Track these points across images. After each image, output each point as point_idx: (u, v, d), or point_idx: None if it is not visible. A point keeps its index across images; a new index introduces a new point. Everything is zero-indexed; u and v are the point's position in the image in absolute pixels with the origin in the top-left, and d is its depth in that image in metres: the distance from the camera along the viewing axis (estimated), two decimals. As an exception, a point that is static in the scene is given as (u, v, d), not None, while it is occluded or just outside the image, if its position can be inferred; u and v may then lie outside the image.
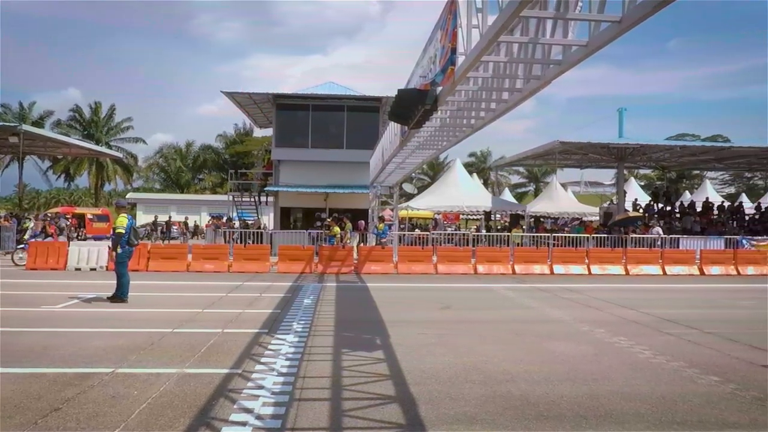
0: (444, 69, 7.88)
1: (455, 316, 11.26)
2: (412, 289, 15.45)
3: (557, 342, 8.54)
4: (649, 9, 5.00)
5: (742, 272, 20.14)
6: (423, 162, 20.27)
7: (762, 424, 5.15)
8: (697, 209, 31.62)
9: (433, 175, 60.31)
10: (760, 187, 58.11)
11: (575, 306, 12.46)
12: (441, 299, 13.31)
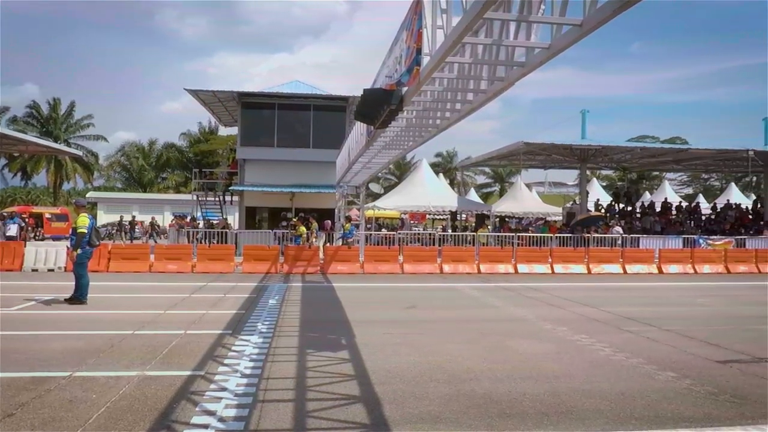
0: (410, 69, 7.91)
1: (421, 315, 11.31)
2: (378, 289, 15.46)
3: (520, 340, 8.65)
4: (608, 13, 5.10)
5: (699, 271, 20.73)
6: (389, 162, 20.30)
7: (715, 418, 5.31)
8: (656, 209, 32.40)
9: (399, 175, 60.49)
10: (717, 188, 59.92)
11: (538, 305, 12.65)
12: (407, 299, 13.36)
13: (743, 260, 21.71)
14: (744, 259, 21.79)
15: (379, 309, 12.09)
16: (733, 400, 5.84)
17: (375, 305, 12.75)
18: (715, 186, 61.95)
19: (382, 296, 14.30)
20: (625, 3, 4.83)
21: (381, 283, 16.58)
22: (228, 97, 27.64)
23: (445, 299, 13.95)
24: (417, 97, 10.41)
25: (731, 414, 5.43)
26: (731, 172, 45.03)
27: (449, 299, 13.92)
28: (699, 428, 5.02)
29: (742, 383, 6.45)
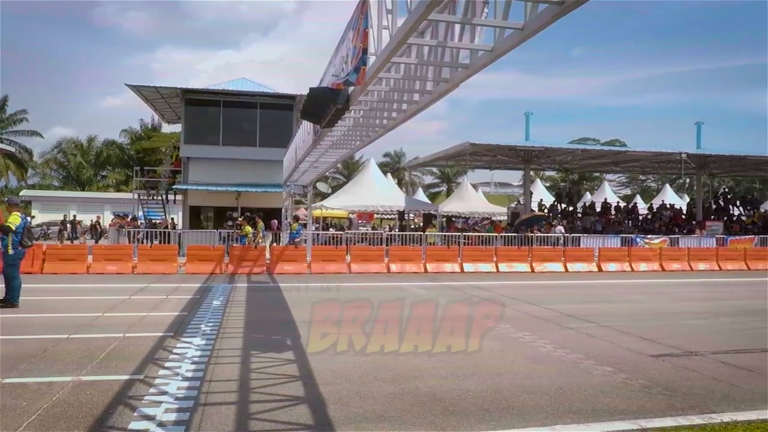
0: (357, 69, 7.89)
1: (366, 315, 11.30)
2: (326, 289, 15.38)
3: (465, 338, 8.77)
4: (548, 18, 5.24)
5: (636, 269, 21.54)
6: (337, 161, 20.27)
7: (648, 410, 5.52)
8: (596, 209, 33.52)
9: (348, 175, 60.41)
10: (653, 189, 62.45)
11: (483, 303, 12.87)
12: (353, 298, 13.33)
13: (677, 258, 22.69)
14: (677, 258, 22.77)
15: (324, 309, 12.01)
16: (665, 392, 6.09)
17: (321, 305, 12.66)
18: (652, 187, 64.55)
19: (329, 296, 14.23)
20: (563, 9, 4.97)
21: (328, 283, 16.49)
22: (171, 93, 26.96)
23: (392, 299, 13.99)
24: (364, 97, 10.42)
25: (663, 406, 5.66)
26: (666, 173, 47.08)
27: (397, 298, 13.97)
28: (633, 420, 5.21)
29: (673, 376, 6.74)
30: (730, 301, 14.06)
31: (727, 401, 5.83)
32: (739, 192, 51.25)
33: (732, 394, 6.09)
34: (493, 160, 33.57)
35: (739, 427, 5.02)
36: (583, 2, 4.78)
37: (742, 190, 54.57)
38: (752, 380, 6.63)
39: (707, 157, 30.94)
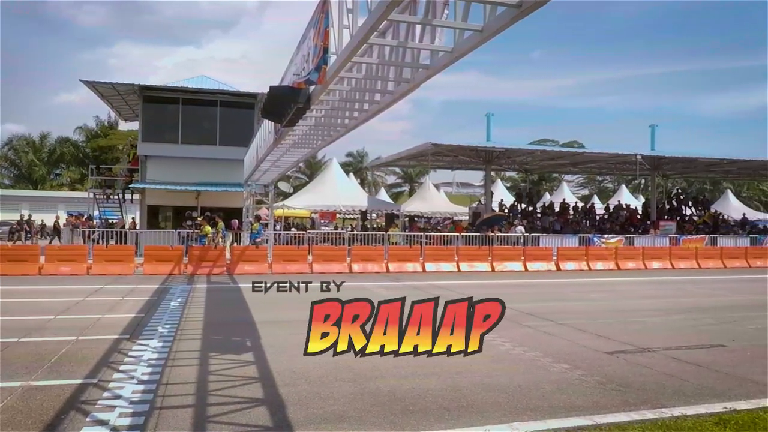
0: (318, 68, 7.85)
1: (329, 315, 11.27)
2: (287, 290, 15.25)
3: (426, 337, 8.82)
4: (506, 20, 5.30)
5: (593, 267, 22.02)
6: (298, 160, 20.13)
7: (603, 406, 5.65)
8: (555, 209, 34.12)
9: (310, 174, 60.02)
10: (610, 189, 63.90)
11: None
12: (315, 298, 13.26)
13: (632, 257, 23.30)
14: (632, 256, 23.38)
15: (287, 309, 11.90)
16: (619, 388, 6.24)
17: (283, 306, 12.57)
18: (609, 188, 66.08)
19: (289, 296, 14.05)
20: (521, 12, 5.03)
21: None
22: (129, 90, 26.32)
23: (353, 298, 13.97)
24: (325, 96, 10.38)
25: (616, 401, 5.80)
26: (622, 174, 48.24)
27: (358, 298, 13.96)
28: (588, 416, 5.32)
29: (626, 372, 6.91)
30: (682, 298, 14.50)
31: (678, 396, 6.01)
32: (691, 193, 52.95)
33: (682, 389, 6.28)
34: (454, 161, 33.84)
35: (688, 421, 5.18)
36: (540, 5, 4.85)
37: (694, 191, 56.37)
38: (701, 375, 6.85)
39: (661, 159, 31.83)
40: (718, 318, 11.09)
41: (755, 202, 61.12)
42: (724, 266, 23.71)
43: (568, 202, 36.79)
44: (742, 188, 62.33)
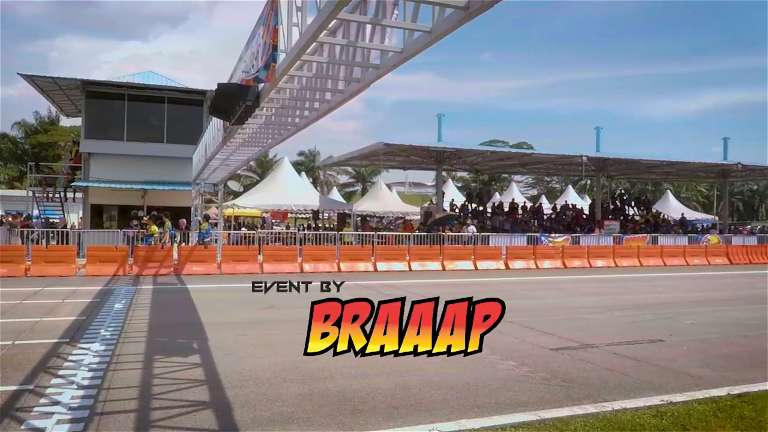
0: (266, 65, 7.77)
1: (279, 315, 11.16)
2: (236, 290, 15.04)
3: (376, 337, 8.84)
4: (455, 22, 5.36)
5: (540, 266, 22.53)
6: (249, 159, 19.86)
7: (547, 401, 5.79)
8: (505, 209, 34.76)
9: (261, 173, 59.25)
10: (557, 190, 65.51)
11: (395, 301, 12.99)
12: (265, 299, 13.10)
13: (577, 256, 23.95)
14: (578, 255, 24.04)
15: (236, 310, 11.77)
16: (563, 384, 6.41)
17: (232, 306, 12.40)
18: (556, 188, 67.74)
19: (239, 297, 13.92)
20: (468, 14, 5.10)
21: (239, 283, 16.12)
22: (71, 85, 25.37)
23: (304, 298, 13.82)
24: (275, 95, 10.28)
25: (561, 397, 5.95)
26: (569, 175, 49.60)
27: (308, 298, 13.86)
28: (533, 412, 5.44)
29: (570, 368, 7.10)
30: (624, 295, 14.99)
31: (619, 390, 6.21)
32: (634, 193, 54.86)
33: (623, 383, 6.49)
34: (406, 161, 34.04)
35: (627, 414, 5.35)
36: (487, 8, 4.93)
37: (637, 192, 58.41)
38: (641, 370, 7.10)
39: (605, 160, 32.83)
40: (657, 314, 11.51)
41: (693, 202, 63.80)
42: (664, 264, 24.66)
43: (517, 202, 37.53)
44: (681, 189, 64.94)
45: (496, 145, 55.56)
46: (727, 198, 42.35)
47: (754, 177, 46.93)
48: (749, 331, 9.85)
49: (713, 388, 6.26)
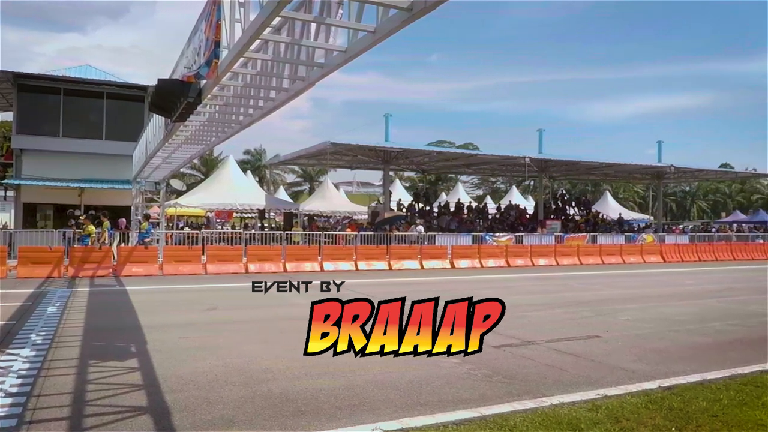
0: (208, 62, 7.61)
1: (221, 317, 10.96)
2: (178, 291, 14.70)
3: (321, 337, 8.79)
4: (398, 23, 5.40)
5: (485, 265, 22.94)
6: (192, 157, 19.42)
7: (489, 398, 5.89)
8: (451, 209, 35.21)
9: (206, 172, 58.00)
10: (502, 190, 66.82)
11: (341, 301, 12.97)
12: (208, 300, 12.88)
13: (520, 255, 24.50)
14: (521, 254, 24.59)
15: (177, 312, 11.49)
16: (504, 380, 6.53)
17: (173, 308, 12.09)
18: (501, 188, 69.09)
19: (181, 299, 13.61)
20: (412, 15, 5.15)
21: (181, 284, 15.78)
22: (0, 77, 24.20)
23: (248, 299, 13.66)
24: (219, 92, 10.11)
25: (502, 393, 6.07)
26: (513, 176, 50.60)
27: (253, 299, 13.68)
28: (474, 408, 5.52)
29: (512, 365, 7.25)
30: (564, 293, 15.42)
31: (557, 385, 6.38)
32: (575, 194, 56.55)
33: (562, 378, 6.67)
34: (354, 160, 34.00)
35: (565, 408, 5.51)
36: (430, 10, 4.98)
37: (577, 192, 60.26)
38: (579, 365, 7.32)
39: (547, 162, 33.68)
40: (595, 311, 11.90)
41: (630, 202, 66.32)
42: (602, 262, 25.52)
43: (463, 202, 38.06)
44: (619, 190, 67.36)
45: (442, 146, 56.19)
46: (662, 199, 44.18)
47: (685, 178, 49.23)
48: (679, 326, 10.31)
49: (645, 381, 6.52)
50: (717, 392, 6.04)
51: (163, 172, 21.54)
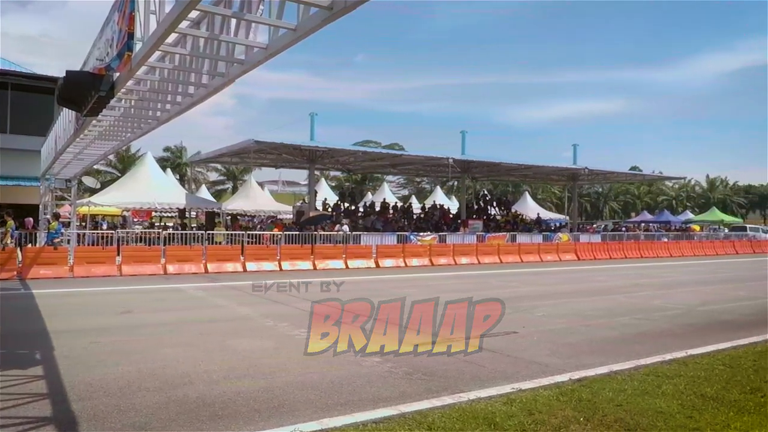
0: (120, 54, 7.28)
1: (136, 320, 10.53)
2: (90, 294, 14.00)
3: (241, 339, 8.64)
4: (319, 21, 5.38)
5: (409, 264, 23.21)
6: (106, 153, 18.54)
7: (408, 395, 5.97)
8: (376, 209, 35.41)
9: (123, 169, 55.58)
10: (427, 190, 67.92)
11: (263, 302, 12.79)
12: (122, 303, 12.34)
13: (444, 254, 24.96)
14: (444, 253, 25.05)
15: (88, 316, 10.94)
16: (424, 377, 6.63)
17: (83, 312, 11.50)
18: (426, 188, 70.24)
19: (93, 302, 12.97)
20: (332, 14, 5.13)
21: (94, 287, 15.03)
22: None
23: (166, 301, 13.24)
24: (135, 86, 9.74)
25: (421, 390, 6.16)
26: (437, 176, 51.53)
27: (171, 301, 13.27)
28: (394, 406, 5.57)
29: (431, 362, 7.37)
30: (485, 291, 15.81)
31: (475, 381, 6.54)
32: (496, 194, 58.23)
33: (479, 374, 6.85)
34: (279, 159, 33.58)
35: (481, 403, 5.66)
36: (350, 10, 4.98)
37: (499, 193, 62.07)
38: (496, 360, 7.55)
39: (470, 163, 34.50)
40: (513, 307, 12.27)
41: (548, 203, 69.06)
42: (521, 261, 26.40)
43: (388, 201, 38.39)
44: (538, 191, 69.99)
45: (369, 146, 56.40)
46: (576, 199, 46.28)
47: (598, 180, 51.76)
48: (590, 321, 10.82)
49: (557, 374, 6.80)
50: (622, 383, 6.38)
51: (74, 168, 20.44)
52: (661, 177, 55.88)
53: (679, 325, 10.42)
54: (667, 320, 10.96)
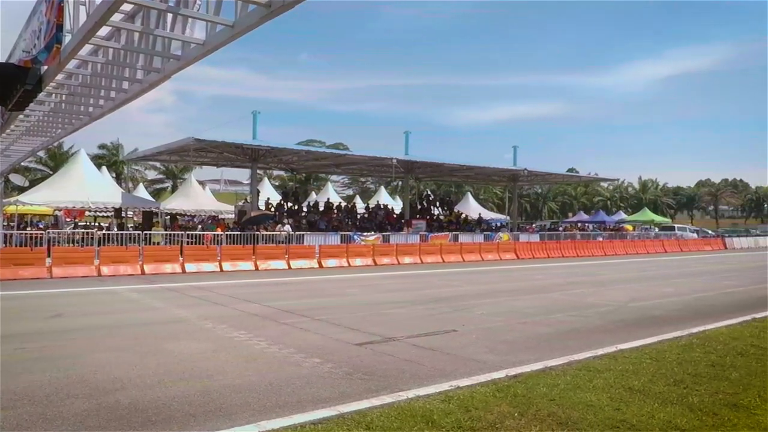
0: (48, 46, 6.99)
1: (66, 324, 10.11)
2: (17, 298, 13.33)
3: (178, 342, 8.42)
4: (257, 18, 5.31)
5: (352, 264, 23.21)
6: (35, 150, 17.78)
7: (348, 395, 5.96)
8: (320, 208, 35.23)
9: (54, 167, 53.29)
10: (372, 190, 68.09)
11: (202, 304, 12.52)
12: (52, 307, 11.82)
13: (387, 253, 25.08)
14: (387, 253, 25.17)
15: (14, 321, 10.40)
16: (364, 377, 6.65)
17: (8, 317, 10.92)
18: (371, 188, 70.43)
19: (20, 305, 12.35)
20: (270, 12, 5.08)
21: (21, 290, 14.33)
22: None
23: (98, 304, 12.77)
24: (65, 80, 9.39)
25: (361, 390, 6.16)
26: (381, 176, 51.72)
27: (104, 304, 12.80)
28: (333, 407, 5.56)
29: (372, 361, 7.40)
30: (426, 290, 16.01)
31: (414, 379, 6.60)
32: (440, 194, 58.97)
33: (419, 372, 6.92)
34: (220, 157, 32.94)
35: (420, 401, 5.71)
36: (289, 8, 4.95)
37: (442, 193, 62.89)
38: (435, 359, 7.63)
39: (413, 163, 34.82)
40: (453, 306, 12.48)
41: (490, 203, 70.52)
42: (462, 260, 26.83)
43: (333, 201, 38.26)
44: (480, 191, 71.32)
45: (313, 145, 56.09)
46: (517, 199, 47.38)
47: (537, 181, 53.22)
48: (527, 318, 11.10)
49: (494, 371, 6.94)
50: (556, 378, 6.57)
51: (0, 165, 19.47)
52: (597, 178, 57.96)
53: (611, 321, 10.83)
54: (600, 317, 11.37)
